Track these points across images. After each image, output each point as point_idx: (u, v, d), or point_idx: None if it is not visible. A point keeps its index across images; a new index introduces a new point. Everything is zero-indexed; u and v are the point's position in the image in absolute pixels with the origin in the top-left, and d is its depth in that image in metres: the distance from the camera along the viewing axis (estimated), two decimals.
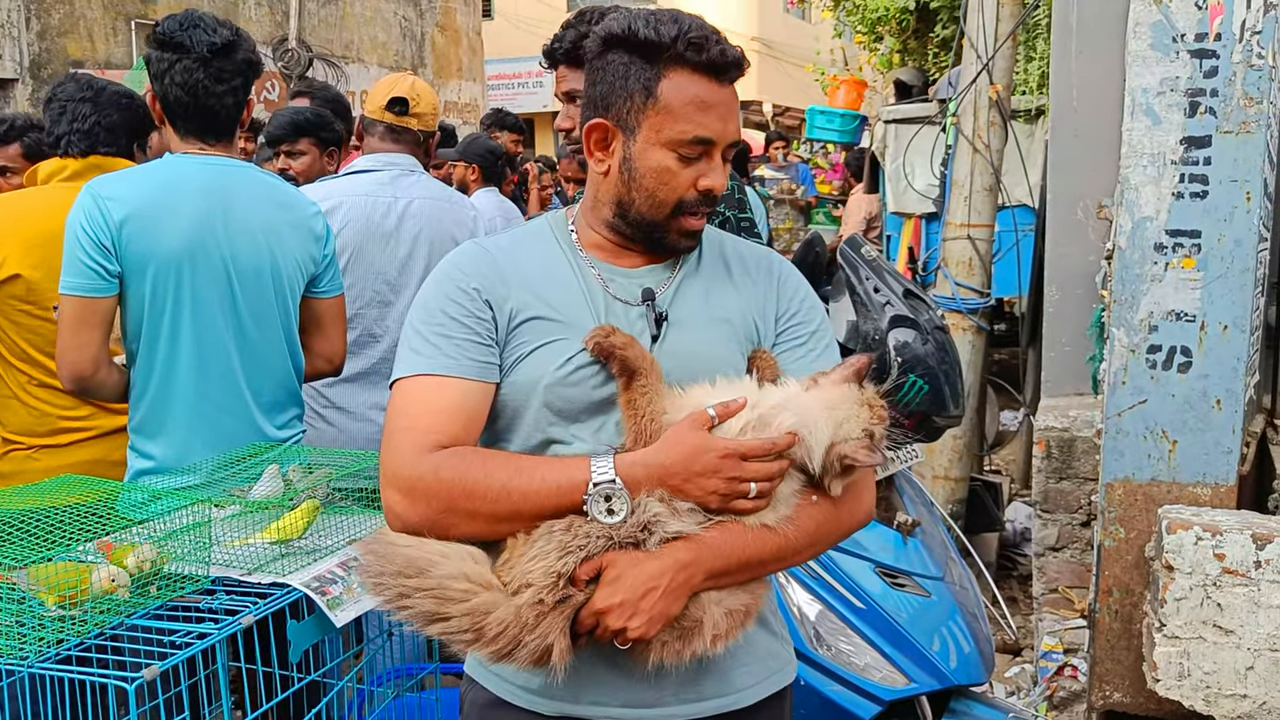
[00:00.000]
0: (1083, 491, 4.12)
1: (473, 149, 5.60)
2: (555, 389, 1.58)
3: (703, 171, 1.61)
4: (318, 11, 12.93)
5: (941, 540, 3.03)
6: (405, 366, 1.60)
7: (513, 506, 1.49)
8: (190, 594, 1.97)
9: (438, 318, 1.60)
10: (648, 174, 1.61)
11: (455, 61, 15.93)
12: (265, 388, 2.66)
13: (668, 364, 1.60)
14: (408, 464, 1.52)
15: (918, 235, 7.49)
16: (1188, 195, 2.97)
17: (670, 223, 1.63)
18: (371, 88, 3.46)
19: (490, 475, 1.50)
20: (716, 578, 1.51)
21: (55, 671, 1.74)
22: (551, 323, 1.61)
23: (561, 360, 1.59)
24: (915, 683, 2.62)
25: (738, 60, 1.61)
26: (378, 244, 3.13)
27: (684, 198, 1.61)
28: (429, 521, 1.50)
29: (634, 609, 1.45)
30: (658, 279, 1.69)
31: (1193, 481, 3.06)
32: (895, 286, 3.00)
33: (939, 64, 9.73)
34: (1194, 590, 2.81)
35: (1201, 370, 3.01)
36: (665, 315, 1.64)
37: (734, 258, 1.77)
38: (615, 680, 1.59)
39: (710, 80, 1.59)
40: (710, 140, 1.59)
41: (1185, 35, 2.94)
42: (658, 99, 1.58)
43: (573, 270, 1.67)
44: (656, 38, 1.57)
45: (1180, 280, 2.99)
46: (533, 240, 1.72)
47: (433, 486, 1.50)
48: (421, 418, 1.55)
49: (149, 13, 10.63)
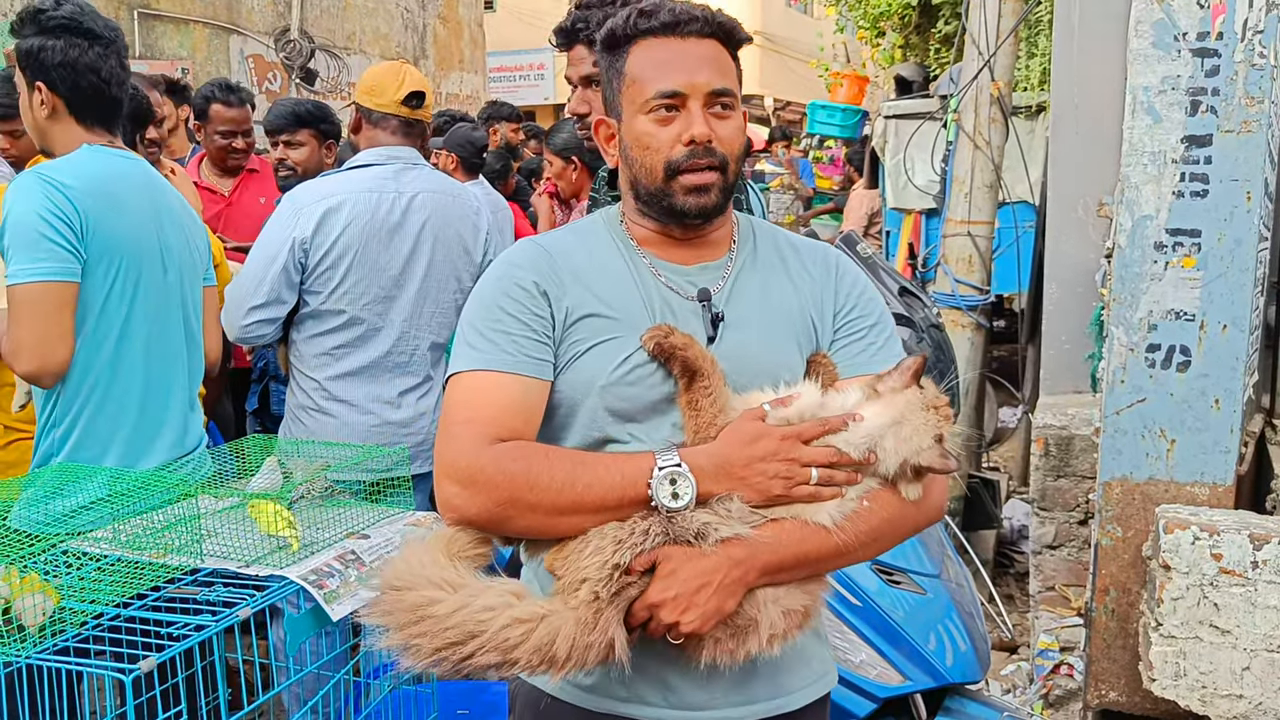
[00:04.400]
0: (1080, 490, 4.12)
1: (453, 138, 5.56)
2: (613, 389, 1.58)
3: (684, 125, 1.60)
4: (320, 2, 12.91)
5: (938, 538, 3.03)
6: (463, 361, 1.60)
7: (576, 497, 1.48)
8: (188, 585, 1.97)
9: (495, 314, 1.60)
10: (635, 146, 1.64)
11: (457, 53, 15.91)
12: (195, 384, 2.67)
13: (725, 365, 1.60)
14: (468, 455, 1.51)
15: (917, 231, 7.49)
16: (1188, 194, 2.97)
17: (670, 185, 1.62)
18: (364, 78, 3.32)
19: (554, 466, 1.49)
20: (772, 574, 1.50)
21: (53, 663, 1.74)
22: (607, 320, 1.61)
23: (619, 360, 1.59)
24: (910, 680, 2.63)
25: (694, 15, 1.63)
26: (382, 240, 3.10)
27: (670, 157, 1.61)
28: (488, 513, 1.50)
29: (688, 603, 1.44)
30: (712, 276, 1.68)
31: (1190, 481, 3.06)
32: (891, 284, 3.01)
33: (940, 60, 9.72)
34: (1191, 590, 2.81)
35: (1200, 369, 3.01)
36: (722, 315, 1.64)
37: (789, 251, 1.76)
38: (668, 680, 1.59)
39: (668, 38, 1.63)
40: (678, 91, 1.60)
41: (1187, 34, 2.94)
42: (626, 75, 1.65)
43: (627, 266, 1.67)
44: (615, 27, 1.66)
45: (1180, 279, 2.99)
46: (588, 236, 1.72)
47: (495, 478, 1.49)
48: (482, 410, 1.55)
49: (152, 2, 10.61)
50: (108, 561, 1.98)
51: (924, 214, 7.34)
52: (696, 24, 1.63)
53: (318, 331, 3.13)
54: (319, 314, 3.11)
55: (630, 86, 1.64)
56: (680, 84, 1.60)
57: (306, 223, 3.03)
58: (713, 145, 1.61)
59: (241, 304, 3.04)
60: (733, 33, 1.67)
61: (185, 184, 4.07)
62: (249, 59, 11.88)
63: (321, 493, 2.39)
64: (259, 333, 3.09)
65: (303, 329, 3.15)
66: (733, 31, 1.67)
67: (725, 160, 1.63)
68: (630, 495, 1.48)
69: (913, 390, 1.54)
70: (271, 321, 3.08)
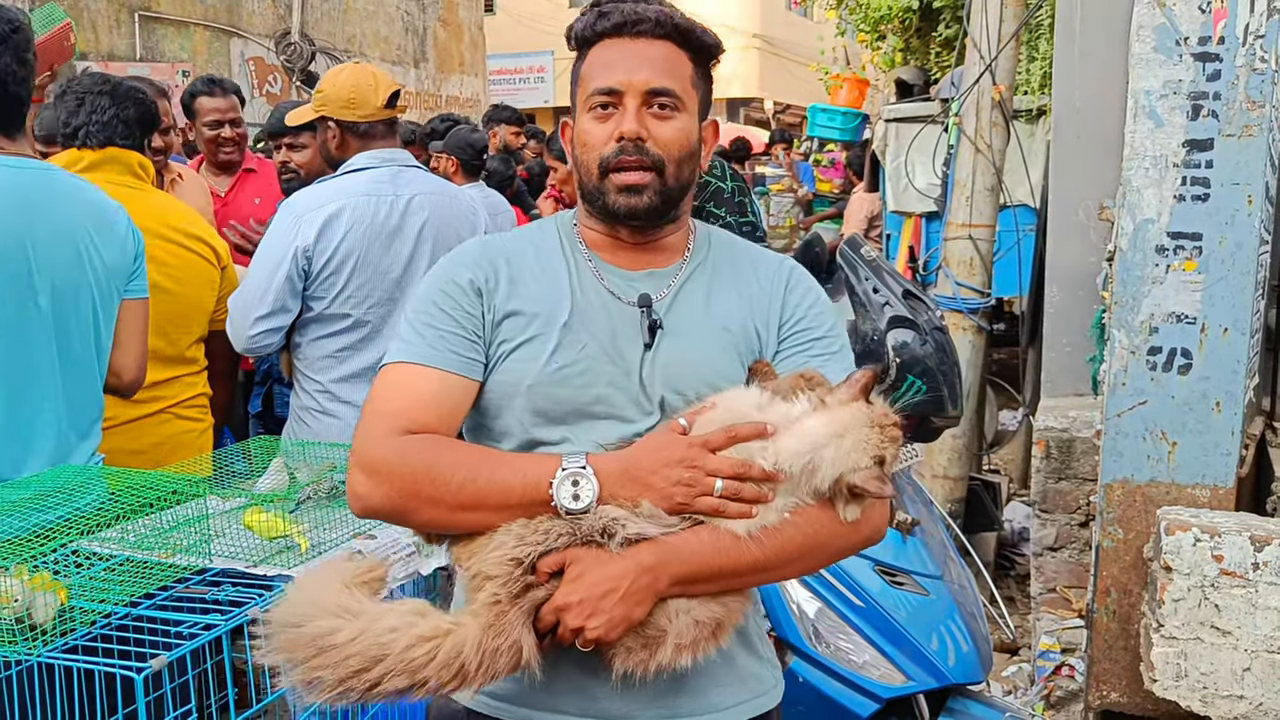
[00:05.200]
0: (1081, 492, 4.13)
1: (452, 141, 5.55)
2: (539, 389, 1.56)
3: (618, 123, 1.59)
4: (320, 5, 12.93)
5: (941, 539, 3.05)
6: (391, 353, 1.60)
7: (476, 493, 1.45)
8: (196, 585, 1.99)
9: (428, 308, 1.60)
10: (577, 143, 1.64)
11: (457, 56, 15.93)
12: (80, 408, 2.42)
13: (661, 374, 1.58)
14: (375, 444, 1.50)
15: (918, 234, 7.50)
16: (1189, 198, 2.98)
17: (604, 184, 1.60)
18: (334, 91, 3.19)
19: (458, 461, 1.48)
20: (684, 585, 1.45)
21: (64, 661, 1.75)
22: (531, 319, 1.59)
23: (543, 359, 1.56)
24: (913, 681, 2.64)
25: (646, 16, 1.61)
26: (382, 244, 3.11)
27: (602, 154, 1.59)
28: (390, 504, 1.48)
29: (593, 608, 1.40)
30: (658, 283, 1.65)
31: (1191, 483, 3.08)
32: (894, 287, 3.01)
33: (941, 63, 9.73)
34: (1192, 591, 2.83)
35: (1201, 372, 3.02)
36: (660, 323, 1.60)
37: (745, 262, 1.73)
38: (589, 689, 1.54)
39: (619, 39, 1.62)
40: (614, 88, 1.59)
41: (1188, 38, 2.95)
42: (580, 76, 1.65)
43: (570, 268, 1.65)
44: (576, 29, 1.66)
45: (1181, 282, 3.01)
46: (541, 237, 1.70)
47: (398, 468, 1.47)
48: (396, 401, 1.54)
49: (153, 5, 10.63)
50: (116, 561, 2.00)
51: (924, 217, 7.34)
52: (647, 24, 1.61)
53: (321, 335, 3.14)
54: (323, 318, 3.12)
55: (580, 86, 1.65)
56: (617, 81, 1.59)
57: (308, 230, 3.04)
58: (645, 144, 1.58)
59: (247, 315, 3.05)
60: (689, 35, 1.64)
61: (193, 188, 4.07)
62: (249, 62, 11.90)
63: (328, 493, 2.40)
64: (265, 342, 3.10)
65: (306, 333, 3.16)
66: (689, 33, 1.64)
67: (660, 161, 1.59)
68: (532, 495, 1.45)
69: (860, 405, 1.48)
70: (277, 330, 3.09)
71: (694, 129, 1.64)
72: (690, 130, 1.63)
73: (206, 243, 3.17)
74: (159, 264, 2.95)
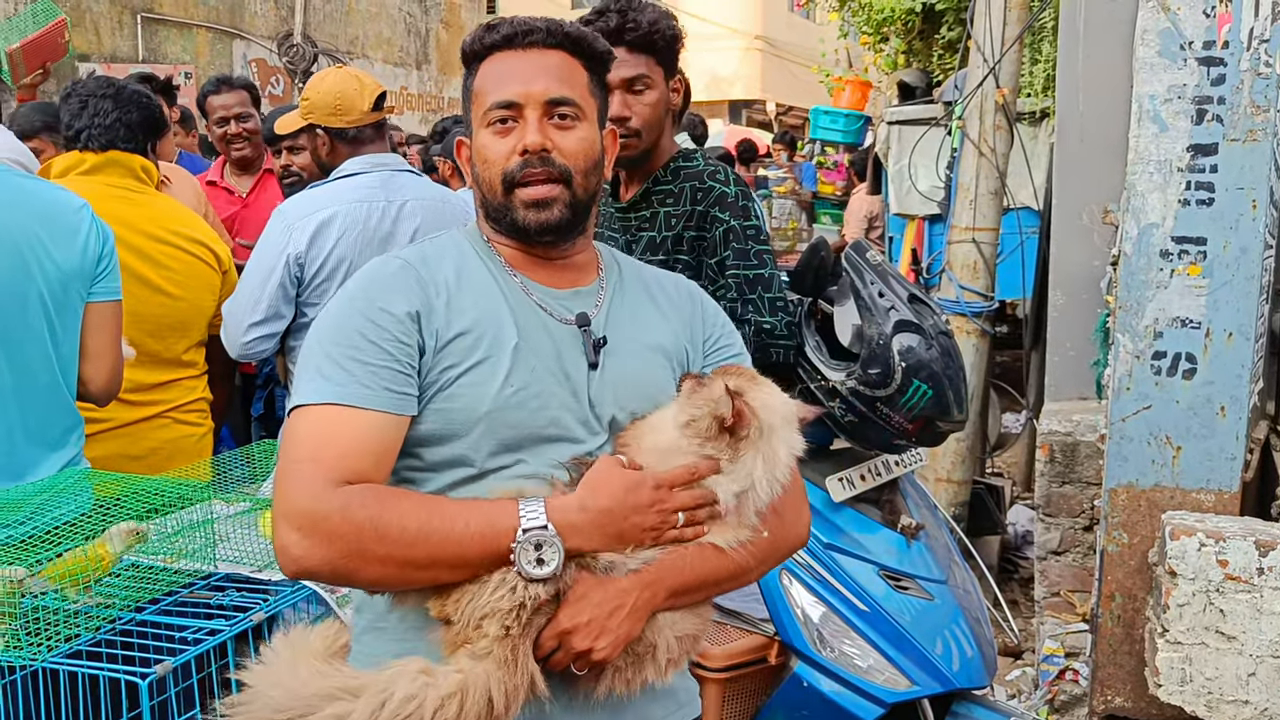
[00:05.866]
0: (1085, 496, 4.13)
1: (450, 144, 5.54)
2: (499, 415, 1.48)
3: (519, 136, 1.55)
4: (323, 7, 12.94)
5: (945, 543, 3.04)
6: (310, 392, 1.44)
7: (430, 551, 1.36)
8: (200, 590, 1.98)
9: (352, 339, 1.46)
10: (478, 160, 1.60)
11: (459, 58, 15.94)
12: (43, 418, 2.34)
13: (609, 393, 1.57)
14: (310, 499, 1.36)
15: (920, 237, 7.49)
16: (1194, 202, 2.98)
17: (510, 200, 1.56)
18: (319, 98, 3.17)
19: (405, 515, 1.37)
20: (677, 596, 1.48)
21: (69, 666, 1.75)
22: (479, 340, 1.51)
23: (498, 383, 1.49)
24: (918, 685, 2.63)
25: (535, 27, 1.59)
26: (375, 249, 3.08)
27: (505, 169, 1.55)
28: (330, 565, 1.36)
29: (601, 628, 1.39)
30: (586, 302, 1.63)
31: (1196, 488, 3.07)
32: (900, 291, 3.00)
33: (944, 66, 9.72)
34: (1196, 596, 2.82)
35: (1206, 377, 3.02)
36: (604, 340, 1.58)
37: (654, 284, 1.74)
38: (545, 710, 1.47)
39: (509, 52, 1.59)
40: (512, 101, 1.55)
41: (1193, 43, 2.95)
42: (474, 91, 1.61)
43: (498, 285, 1.58)
44: (465, 44, 1.64)
45: (1185, 287, 3.00)
46: (453, 253, 1.62)
47: (340, 526, 1.34)
48: (328, 448, 1.40)
49: (155, 6, 10.63)
50: (122, 566, 1.99)
51: (927, 220, 7.34)
52: (538, 35, 1.59)
53: None
54: None
55: (475, 101, 1.61)
56: (515, 94, 1.55)
57: (300, 237, 3.04)
58: (550, 155, 1.55)
59: (241, 321, 3.06)
60: (581, 43, 1.61)
61: (182, 187, 4.06)
62: (252, 63, 11.90)
63: None
64: (259, 348, 3.11)
65: (300, 337, 3.15)
66: (580, 42, 1.61)
67: (567, 172, 1.56)
68: (491, 551, 1.37)
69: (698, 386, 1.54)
70: (271, 337, 3.10)
71: (596, 138, 1.61)
72: (593, 139, 1.60)
73: (208, 246, 3.17)
74: (160, 268, 2.95)
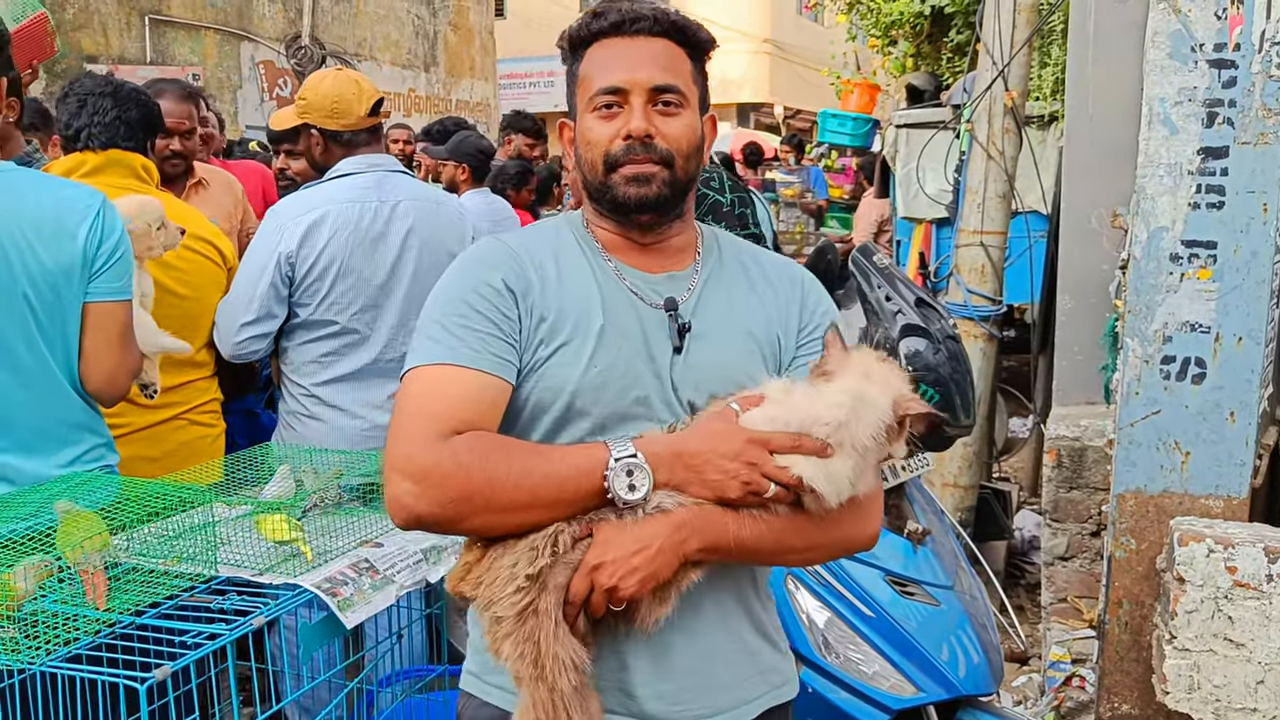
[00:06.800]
0: (1093, 501, 4.10)
1: (463, 148, 5.50)
2: (583, 394, 1.56)
3: (624, 121, 1.61)
4: (331, 9, 12.97)
5: (951, 549, 3.02)
6: (422, 355, 1.55)
7: (532, 491, 1.44)
8: (201, 594, 1.97)
9: (459, 308, 1.56)
10: (581, 142, 1.66)
11: (467, 60, 15.96)
12: (42, 415, 2.32)
13: (692, 376, 1.60)
14: (420, 450, 1.45)
15: (928, 240, 7.48)
16: (1204, 206, 2.96)
17: (610, 178, 1.62)
18: (316, 99, 3.17)
19: (509, 458, 1.45)
20: (708, 552, 1.48)
21: (67, 670, 1.74)
22: (570, 322, 1.59)
23: (584, 362, 1.56)
24: (923, 692, 2.62)
25: (643, 14, 1.64)
26: (366, 250, 3.10)
27: (609, 150, 1.61)
28: (440, 510, 1.44)
29: (626, 565, 1.43)
30: (679, 286, 1.67)
31: (1205, 494, 3.05)
32: (907, 295, 2.99)
33: (953, 69, 9.70)
34: (1205, 603, 2.80)
35: (1215, 382, 2.99)
36: (689, 326, 1.62)
37: (753, 265, 1.75)
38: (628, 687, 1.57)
39: (616, 38, 1.65)
40: (619, 87, 1.61)
41: (1204, 45, 2.93)
42: (580, 76, 1.67)
43: (592, 269, 1.65)
44: (571, 31, 1.69)
45: (1195, 291, 2.98)
46: (551, 237, 1.70)
47: (451, 472, 1.43)
48: (438, 403, 1.50)
49: (163, 8, 10.66)
50: (121, 569, 1.98)
51: (935, 224, 7.32)
52: (645, 23, 1.64)
53: (306, 340, 3.15)
54: (308, 324, 3.13)
55: (580, 86, 1.66)
56: (621, 80, 1.61)
57: (290, 237, 3.04)
58: (653, 141, 1.60)
59: (233, 321, 3.07)
60: (686, 31, 1.67)
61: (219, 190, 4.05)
62: (260, 65, 11.94)
63: (334, 501, 2.39)
64: (252, 349, 3.11)
65: (293, 338, 3.17)
66: (685, 30, 1.67)
67: (670, 156, 1.62)
68: (586, 487, 1.45)
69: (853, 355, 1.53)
70: (263, 337, 3.10)
71: (697, 124, 1.67)
72: (694, 125, 1.66)
73: (212, 243, 3.17)
74: (168, 269, 2.95)
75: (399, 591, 2.14)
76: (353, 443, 3.06)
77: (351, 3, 13.39)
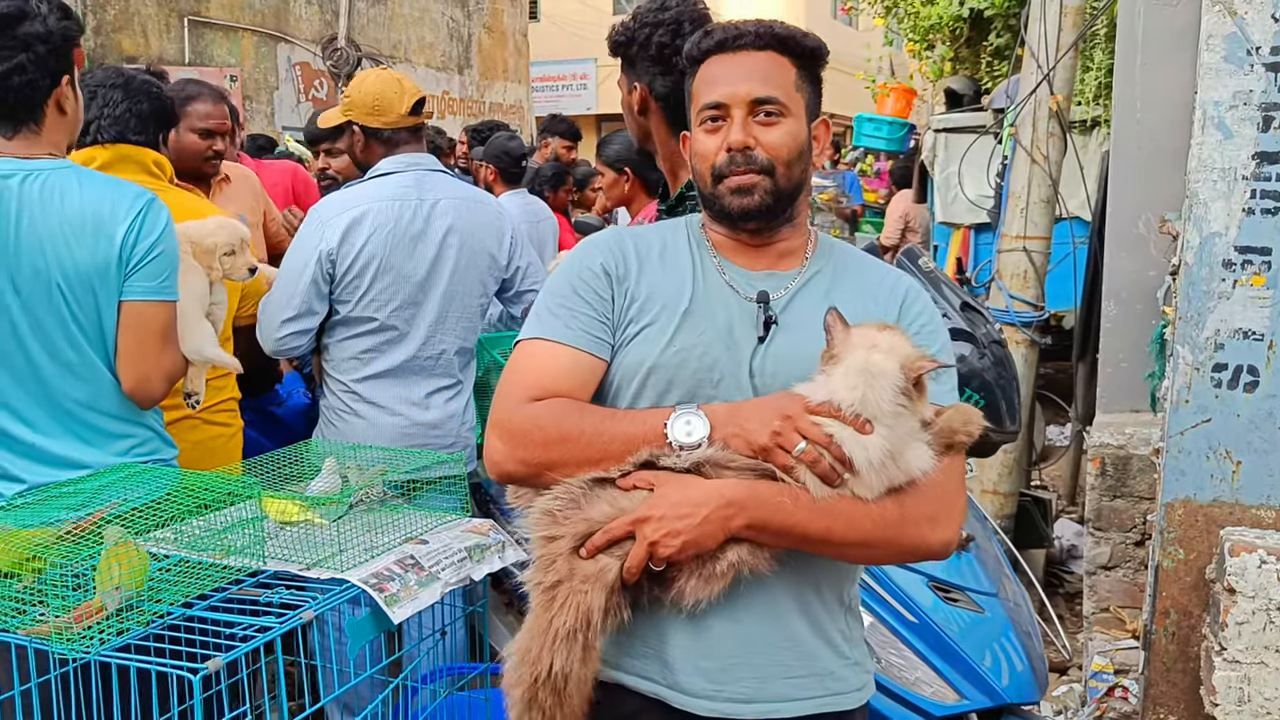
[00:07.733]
0: (1137, 510, 4.05)
1: (490, 149, 5.56)
2: (659, 372, 1.66)
3: (727, 134, 1.70)
4: (367, 11, 13.04)
5: (995, 555, 3.00)
6: (528, 330, 1.73)
7: (603, 448, 1.58)
8: (249, 587, 1.97)
9: (564, 290, 1.72)
10: (694, 155, 1.77)
11: (501, 63, 16.01)
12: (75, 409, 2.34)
13: (771, 365, 1.66)
14: (510, 412, 1.64)
15: (966, 246, 7.43)
16: (1259, 211, 2.91)
17: (718, 189, 1.71)
18: (359, 97, 3.20)
19: (585, 419, 1.61)
20: (757, 531, 1.54)
21: (120, 660, 1.75)
22: (656, 305, 1.70)
23: (663, 342, 1.67)
24: (966, 699, 2.59)
25: (745, 31, 1.73)
26: (406, 248, 3.12)
27: (714, 163, 1.71)
28: (523, 466, 1.62)
29: (670, 525, 1.50)
30: (777, 284, 1.74)
31: (1256, 504, 2.99)
32: (952, 299, 2.97)
33: (992, 73, 9.63)
34: (1256, 614, 2.75)
35: (1269, 390, 2.94)
36: (775, 318, 1.69)
37: (864, 273, 1.80)
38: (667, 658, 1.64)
39: (722, 55, 1.74)
40: (720, 103, 1.70)
41: (1260, 48, 2.88)
42: (693, 93, 1.78)
43: (695, 262, 1.75)
44: (687, 50, 1.81)
45: (1249, 298, 2.93)
46: (667, 232, 1.82)
47: (531, 432, 1.61)
48: (531, 372, 1.68)
49: (202, 10, 10.75)
50: (170, 561, 1.99)
51: (973, 229, 7.28)
52: (747, 38, 1.73)
53: (346, 336, 3.18)
54: (348, 320, 3.15)
55: (692, 102, 1.78)
56: (722, 95, 1.70)
57: (331, 235, 3.08)
58: (752, 151, 1.68)
59: (274, 317, 3.10)
60: (788, 42, 1.74)
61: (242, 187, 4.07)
62: (296, 67, 12.02)
63: (380, 497, 2.39)
64: (294, 344, 3.14)
65: (333, 334, 3.20)
66: (788, 41, 1.74)
67: (770, 165, 1.69)
68: (650, 438, 1.57)
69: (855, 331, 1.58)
70: (305, 333, 3.13)
71: (801, 130, 1.73)
72: (797, 132, 1.72)
73: None
74: None
75: (444, 589, 2.13)
76: (392, 439, 3.08)
77: (387, 5, 13.47)
